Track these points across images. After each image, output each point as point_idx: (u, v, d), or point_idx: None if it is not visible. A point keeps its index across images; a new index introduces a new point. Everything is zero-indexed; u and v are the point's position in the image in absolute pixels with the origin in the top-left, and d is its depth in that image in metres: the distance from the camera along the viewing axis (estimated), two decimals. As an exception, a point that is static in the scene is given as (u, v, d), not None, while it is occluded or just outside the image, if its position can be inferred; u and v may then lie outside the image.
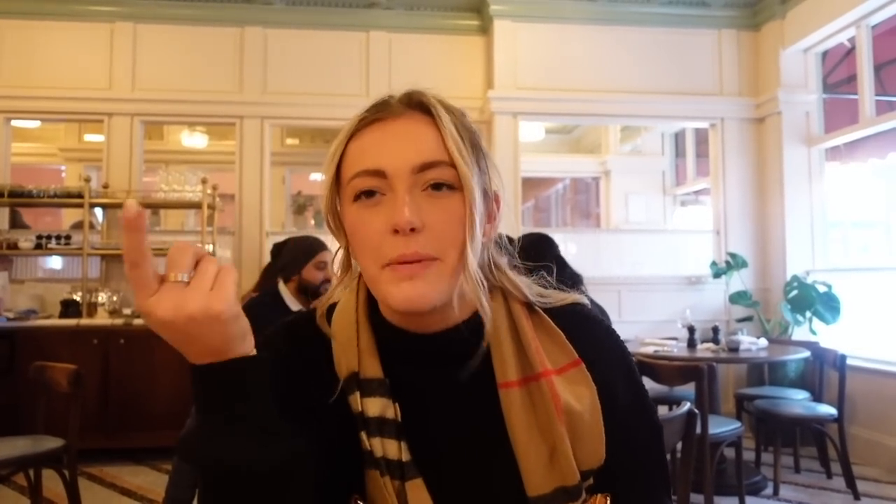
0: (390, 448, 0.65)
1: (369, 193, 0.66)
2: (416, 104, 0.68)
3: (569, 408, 0.66)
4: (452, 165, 0.65)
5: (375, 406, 0.66)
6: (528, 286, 0.74)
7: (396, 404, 0.67)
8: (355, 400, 0.67)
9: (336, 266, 0.74)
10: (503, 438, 0.67)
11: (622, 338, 0.78)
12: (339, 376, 0.69)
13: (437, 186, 0.65)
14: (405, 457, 0.66)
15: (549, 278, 0.78)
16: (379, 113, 0.68)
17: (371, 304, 0.72)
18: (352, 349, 0.69)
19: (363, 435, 0.66)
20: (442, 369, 0.70)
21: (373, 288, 0.68)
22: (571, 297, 0.77)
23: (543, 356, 0.69)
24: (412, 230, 0.63)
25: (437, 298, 0.65)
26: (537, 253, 0.78)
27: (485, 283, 0.69)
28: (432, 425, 0.69)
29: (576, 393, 0.68)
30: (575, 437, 0.66)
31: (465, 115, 0.71)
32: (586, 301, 0.78)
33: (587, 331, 0.74)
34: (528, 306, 0.73)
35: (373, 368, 0.68)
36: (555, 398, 0.66)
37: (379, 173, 0.65)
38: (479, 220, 0.66)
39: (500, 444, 0.67)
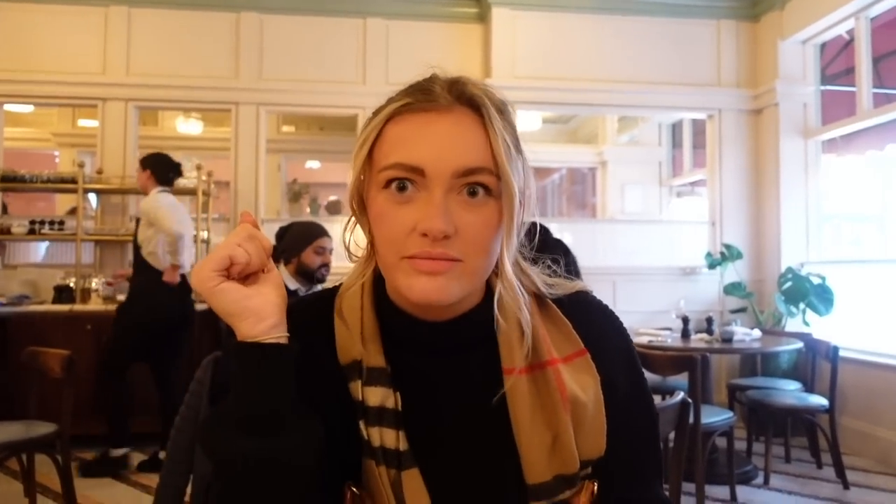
0: (388, 437, 0.65)
1: (402, 187, 0.63)
2: (466, 100, 0.65)
3: (574, 397, 0.66)
4: (494, 173, 0.64)
5: (376, 395, 0.66)
6: (537, 276, 0.74)
7: (398, 393, 0.66)
8: (356, 388, 0.67)
9: (354, 247, 0.72)
10: (504, 427, 0.67)
11: None
12: (342, 363, 0.68)
13: (473, 192, 0.63)
14: (402, 446, 0.65)
15: (554, 267, 0.77)
16: (425, 102, 0.64)
17: (378, 289, 0.71)
18: (356, 336, 0.68)
19: (361, 424, 0.66)
20: (447, 357, 0.70)
21: (388, 275, 0.67)
22: (577, 285, 0.77)
23: (550, 345, 0.69)
24: (443, 237, 0.62)
25: (454, 296, 0.64)
26: (542, 242, 0.77)
27: (524, 292, 0.69)
28: (434, 413, 0.69)
29: (581, 382, 0.68)
30: (578, 426, 0.66)
31: (507, 105, 0.69)
32: (590, 288, 0.79)
33: (590, 318, 0.75)
34: (536, 296, 0.73)
35: (376, 357, 0.67)
36: (561, 386, 0.66)
37: (417, 170, 0.62)
38: (516, 229, 0.66)
39: (500, 433, 0.67)
